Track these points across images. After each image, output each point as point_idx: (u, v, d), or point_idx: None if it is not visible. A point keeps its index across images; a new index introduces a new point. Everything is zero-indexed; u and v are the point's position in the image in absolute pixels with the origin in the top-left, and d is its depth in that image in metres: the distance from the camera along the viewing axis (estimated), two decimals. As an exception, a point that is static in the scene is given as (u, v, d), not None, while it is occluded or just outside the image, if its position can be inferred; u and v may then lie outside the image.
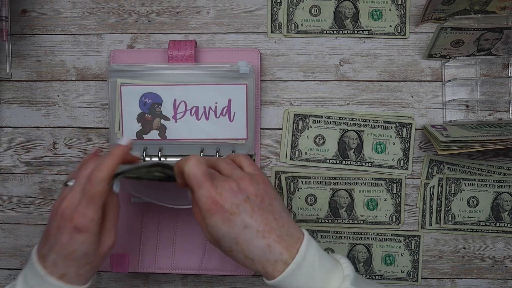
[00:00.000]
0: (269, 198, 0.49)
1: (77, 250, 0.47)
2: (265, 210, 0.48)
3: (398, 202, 0.67)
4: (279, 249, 0.47)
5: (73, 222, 0.47)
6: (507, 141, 0.60)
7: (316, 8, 0.67)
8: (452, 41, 0.63)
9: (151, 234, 0.66)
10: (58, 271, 0.48)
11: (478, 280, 0.68)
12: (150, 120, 0.64)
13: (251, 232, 0.47)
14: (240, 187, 0.48)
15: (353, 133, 0.67)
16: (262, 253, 0.47)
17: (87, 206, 0.47)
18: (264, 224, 0.47)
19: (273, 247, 0.47)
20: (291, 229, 0.49)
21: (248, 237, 0.47)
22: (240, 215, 0.47)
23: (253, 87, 0.63)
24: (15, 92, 0.69)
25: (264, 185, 0.50)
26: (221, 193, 0.47)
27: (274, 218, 0.48)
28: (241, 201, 0.47)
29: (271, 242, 0.47)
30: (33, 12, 0.69)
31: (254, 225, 0.47)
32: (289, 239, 0.48)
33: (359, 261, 0.67)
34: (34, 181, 0.69)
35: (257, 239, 0.47)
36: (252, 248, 0.47)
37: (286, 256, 0.47)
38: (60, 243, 0.47)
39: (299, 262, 0.47)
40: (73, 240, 0.47)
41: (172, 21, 0.68)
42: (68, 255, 0.47)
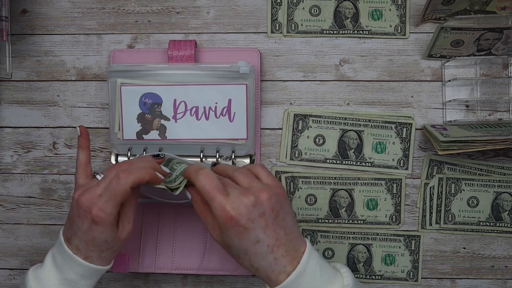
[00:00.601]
0: (284, 212, 0.50)
1: (96, 238, 0.51)
2: (278, 225, 0.49)
3: (398, 202, 0.67)
4: (284, 262, 0.48)
5: (91, 214, 0.50)
6: (507, 141, 0.60)
7: (316, 8, 0.67)
8: (452, 41, 0.63)
9: (151, 234, 0.66)
10: (82, 254, 0.52)
11: (478, 280, 0.68)
12: (150, 120, 0.64)
13: (262, 247, 0.48)
14: (257, 201, 0.48)
15: (353, 133, 0.67)
16: (268, 264, 0.48)
17: (107, 202, 0.50)
18: (275, 239, 0.48)
19: (279, 261, 0.48)
20: (298, 242, 0.50)
21: (258, 251, 0.48)
22: (254, 230, 0.47)
23: (253, 87, 0.63)
24: (15, 92, 0.69)
25: (281, 198, 0.50)
26: (237, 207, 0.47)
27: (285, 233, 0.49)
28: (257, 216, 0.47)
29: (278, 256, 0.48)
30: (33, 12, 0.69)
31: (266, 240, 0.48)
32: (294, 252, 0.49)
33: (359, 261, 0.67)
34: (34, 181, 0.69)
35: (266, 253, 0.48)
36: (259, 260, 0.48)
37: (289, 268, 0.48)
38: (82, 230, 0.51)
39: (300, 273, 0.48)
40: (92, 229, 0.50)
41: (172, 21, 0.68)
42: (88, 241, 0.51)
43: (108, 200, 0.50)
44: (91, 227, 0.50)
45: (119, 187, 0.50)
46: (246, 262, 0.49)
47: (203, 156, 0.64)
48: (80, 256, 0.52)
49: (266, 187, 0.50)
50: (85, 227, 0.50)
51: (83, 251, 0.51)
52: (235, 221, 0.47)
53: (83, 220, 0.50)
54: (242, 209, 0.47)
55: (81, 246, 0.51)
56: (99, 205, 0.50)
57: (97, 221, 0.50)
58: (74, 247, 0.52)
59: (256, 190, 0.49)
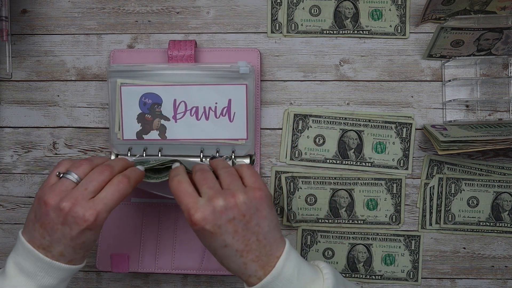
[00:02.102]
0: (258, 217, 0.48)
1: (86, 241, 0.49)
2: (249, 230, 0.47)
3: (398, 202, 0.67)
4: (255, 267, 0.47)
5: (86, 221, 0.47)
6: (507, 141, 0.60)
7: (316, 8, 0.67)
8: (452, 41, 0.63)
9: (151, 234, 0.66)
10: (66, 259, 0.49)
11: (478, 280, 0.68)
12: (150, 120, 0.64)
13: (230, 251, 0.47)
14: (227, 206, 0.47)
15: (353, 133, 0.67)
16: (238, 268, 0.48)
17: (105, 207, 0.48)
18: (244, 245, 0.47)
19: (248, 265, 0.47)
20: (273, 248, 0.48)
21: (226, 255, 0.47)
22: (221, 235, 0.47)
23: (253, 87, 0.63)
24: (15, 92, 0.69)
25: (258, 202, 0.48)
26: (203, 213, 0.46)
27: (257, 239, 0.47)
28: (224, 222, 0.46)
29: (247, 261, 0.47)
30: (33, 12, 0.69)
31: (234, 245, 0.47)
32: (267, 258, 0.47)
33: (359, 261, 0.67)
34: (34, 181, 0.69)
35: (235, 257, 0.47)
36: (229, 262, 0.48)
37: (260, 273, 0.47)
38: (69, 237, 0.48)
39: (275, 277, 0.47)
40: (84, 234, 0.48)
41: (172, 21, 0.68)
42: (77, 246, 0.48)
43: (107, 204, 0.48)
44: (83, 232, 0.48)
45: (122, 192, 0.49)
46: (219, 261, 0.49)
47: (203, 156, 0.64)
48: (64, 261, 0.49)
49: (242, 190, 0.48)
50: (74, 233, 0.47)
51: (68, 256, 0.49)
52: (199, 226, 0.46)
53: (72, 227, 0.47)
54: (208, 214, 0.46)
55: (66, 252, 0.48)
56: (97, 209, 0.47)
57: (92, 227, 0.48)
58: (57, 254, 0.48)
59: (230, 193, 0.47)
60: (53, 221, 0.48)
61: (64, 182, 0.49)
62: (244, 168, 0.52)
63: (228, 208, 0.47)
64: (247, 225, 0.47)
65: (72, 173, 0.50)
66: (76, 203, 0.47)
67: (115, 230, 0.66)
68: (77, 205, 0.47)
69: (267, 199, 0.49)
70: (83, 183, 0.49)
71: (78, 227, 0.47)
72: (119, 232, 0.66)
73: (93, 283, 0.69)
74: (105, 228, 0.66)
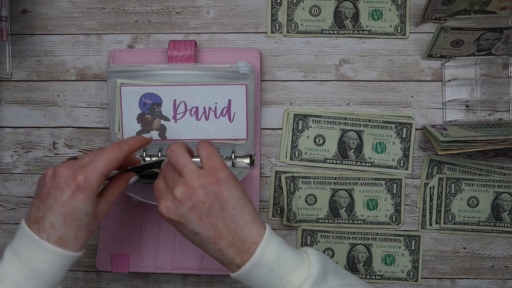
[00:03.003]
0: (220, 202, 0.47)
1: (77, 208, 0.48)
2: (214, 216, 0.47)
3: (398, 202, 0.67)
4: (231, 253, 0.47)
5: (75, 180, 0.48)
6: (507, 141, 0.60)
7: (316, 8, 0.67)
8: (452, 41, 0.63)
9: (151, 234, 0.66)
10: (56, 233, 0.48)
11: (478, 280, 0.68)
12: (150, 121, 0.64)
13: (202, 238, 0.48)
14: (185, 194, 0.47)
15: (353, 133, 0.67)
16: (216, 255, 0.48)
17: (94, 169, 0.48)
18: (214, 231, 0.47)
19: (224, 252, 0.47)
20: (246, 233, 0.47)
21: (200, 242, 0.48)
22: (188, 224, 0.47)
23: (253, 87, 0.63)
24: (15, 92, 0.69)
25: (216, 187, 0.47)
26: (165, 204, 0.48)
27: (224, 224, 0.47)
28: (186, 211, 0.47)
29: (222, 247, 0.47)
30: (33, 12, 0.69)
31: (203, 232, 0.47)
32: (242, 244, 0.47)
33: (359, 261, 0.67)
34: (34, 181, 0.69)
35: (209, 244, 0.48)
36: (207, 249, 0.49)
37: (238, 260, 0.47)
38: (60, 202, 0.48)
39: (254, 265, 0.46)
40: (74, 198, 0.48)
41: (172, 21, 0.68)
42: (67, 214, 0.48)
43: (97, 167, 0.48)
44: (74, 195, 0.47)
45: (112, 156, 0.50)
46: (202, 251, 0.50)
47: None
48: (53, 237, 0.48)
49: (197, 176, 0.47)
50: (65, 197, 0.47)
51: (58, 228, 0.48)
52: (166, 217, 0.48)
53: (63, 190, 0.48)
54: (170, 205, 0.47)
55: (57, 222, 0.48)
56: (87, 170, 0.48)
57: (82, 187, 0.47)
58: (47, 226, 0.48)
59: (184, 181, 0.47)
60: (48, 188, 0.49)
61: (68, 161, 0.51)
62: (200, 149, 0.49)
63: (186, 197, 0.47)
64: (209, 210, 0.47)
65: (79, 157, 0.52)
66: (69, 166, 0.49)
67: (115, 230, 0.66)
68: (69, 168, 0.48)
69: (227, 182, 0.48)
70: (81, 156, 0.51)
71: (68, 188, 0.48)
72: (119, 232, 0.66)
73: (93, 283, 0.69)
74: (105, 228, 0.66)
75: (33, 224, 0.48)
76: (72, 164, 0.49)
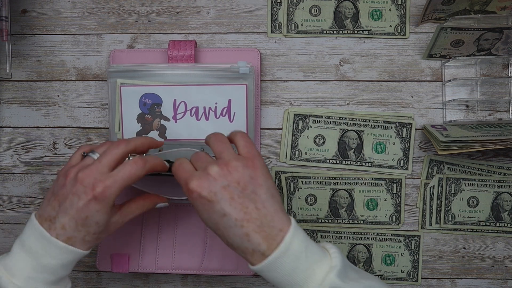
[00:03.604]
0: (254, 185, 0.48)
1: (89, 217, 0.49)
2: (246, 198, 0.47)
3: (398, 202, 0.67)
4: (258, 239, 0.46)
5: (93, 190, 0.49)
6: (507, 141, 0.60)
7: (316, 8, 0.67)
8: (452, 41, 0.63)
9: (151, 234, 0.66)
10: (66, 234, 0.49)
11: (478, 280, 0.68)
12: (150, 121, 0.64)
13: (230, 220, 0.47)
14: (221, 173, 0.48)
15: (353, 133, 0.67)
16: (240, 241, 0.47)
17: (115, 182, 0.49)
18: (244, 213, 0.47)
19: (251, 237, 0.46)
20: (275, 219, 0.47)
21: (226, 225, 0.47)
22: (218, 202, 0.47)
23: (253, 87, 0.63)
24: (15, 92, 0.69)
25: (252, 170, 0.49)
26: (198, 181, 0.47)
27: (255, 207, 0.47)
28: (219, 189, 0.47)
29: (249, 231, 0.47)
30: (33, 12, 0.69)
31: (232, 213, 0.47)
32: (270, 230, 0.47)
33: (359, 261, 0.67)
34: (34, 181, 0.69)
35: (235, 227, 0.47)
36: (231, 235, 0.47)
37: (264, 247, 0.46)
38: (75, 207, 0.49)
39: (282, 254, 0.46)
40: (89, 207, 0.49)
41: (172, 21, 0.68)
42: (79, 220, 0.49)
43: (116, 181, 0.49)
44: (89, 204, 0.49)
45: (133, 171, 0.50)
46: (223, 239, 0.49)
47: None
48: (62, 237, 0.49)
49: (235, 158, 0.49)
50: (81, 204, 0.49)
51: (68, 230, 0.49)
52: (196, 193, 0.47)
53: (80, 197, 0.49)
54: (203, 182, 0.47)
55: (68, 225, 0.49)
56: (106, 183, 0.49)
57: (99, 198, 0.49)
58: (58, 226, 0.49)
59: (222, 162, 0.49)
60: (67, 191, 0.50)
61: (86, 159, 0.52)
62: (238, 137, 0.52)
63: (222, 175, 0.47)
64: (243, 192, 0.47)
65: (95, 152, 0.52)
66: (90, 174, 0.49)
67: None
68: (90, 176, 0.49)
69: (262, 168, 0.50)
70: (99, 157, 0.51)
71: (86, 197, 0.49)
72: (119, 232, 0.66)
73: (93, 283, 0.69)
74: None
75: (45, 222, 0.50)
76: (93, 171, 0.50)
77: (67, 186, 0.50)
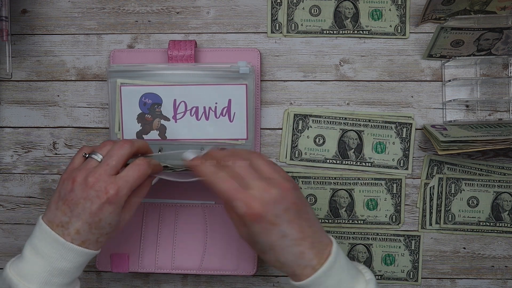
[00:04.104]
0: (304, 205, 0.50)
1: (103, 219, 0.50)
2: (301, 218, 0.49)
3: (398, 202, 0.67)
4: (311, 256, 0.48)
5: (107, 193, 0.50)
6: (507, 141, 0.60)
7: (316, 8, 0.67)
8: (452, 41, 0.63)
9: (151, 234, 0.66)
10: (80, 238, 0.50)
11: (478, 280, 0.68)
12: (150, 121, 0.64)
13: (288, 241, 0.48)
14: (281, 195, 0.48)
15: (353, 133, 0.67)
16: (294, 258, 0.48)
17: (126, 183, 0.51)
18: (300, 232, 0.48)
19: (305, 254, 0.48)
20: (322, 235, 0.50)
21: (284, 245, 0.48)
22: (280, 225, 0.47)
23: (253, 87, 0.63)
24: (15, 92, 0.69)
25: (298, 191, 0.50)
26: (261, 204, 0.47)
27: (308, 225, 0.49)
28: (281, 211, 0.48)
29: (304, 249, 0.48)
30: (33, 12, 0.69)
31: (291, 234, 0.48)
32: (320, 245, 0.49)
33: (359, 261, 0.67)
34: (34, 181, 0.69)
35: (292, 246, 0.48)
36: (285, 254, 0.48)
37: (315, 262, 0.48)
38: (89, 212, 0.50)
39: (329, 267, 0.48)
40: (103, 210, 0.50)
41: (172, 21, 0.68)
42: (93, 223, 0.50)
43: (128, 182, 0.51)
44: (103, 207, 0.50)
45: (142, 171, 0.52)
46: (272, 258, 0.49)
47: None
48: (77, 242, 0.50)
49: (286, 179, 0.50)
50: (94, 208, 0.50)
51: (83, 234, 0.50)
52: (260, 217, 0.47)
53: (93, 201, 0.50)
54: (267, 205, 0.47)
55: (82, 229, 0.50)
56: (118, 185, 0.50)
57: (112, 201, 0.50)
58: (73, 232, 0.50)
59: (278, 182, 0.49)
60: (77, 196, 0.50)
61: (89, 161, 0.52)
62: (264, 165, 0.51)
63: (282, 198, 0.48)
64: (299, 212, 0.49)
65: (97, 154, 0.53)
66: (100, 178, 0.50)
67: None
68: (100, 180, 0.50)
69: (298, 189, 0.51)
70: (105, 159, 0.52)
71: (99, 201, 0.50)
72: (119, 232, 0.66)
73: (93, 283, 0.69)
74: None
75: (57, 227, 0.50)
76: (103, 174, 0.50)
77: (75, 191, 0.50)
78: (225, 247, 0.65)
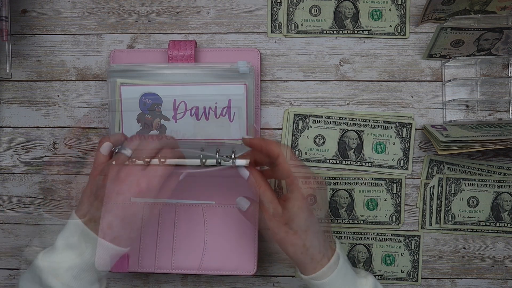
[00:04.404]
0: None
1: (135, 213, 0.51)
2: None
3: (398, 202, 0.67)
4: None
5: (139, 186, 0.51)
6: (507, 141, 0.60)
7: (316, 8, 0.67)
8: (452, 41, 0.63)
9: (150, 234, 0.66)
10: (112, 234, 0.51)
11: (478, 280, 0.68)
12: (150, 121, 0.64)
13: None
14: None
15: (353, 133, 0.67)
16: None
17: (155, 176, 0.52)
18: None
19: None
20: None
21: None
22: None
23: (253, 87, 0.63)
24: (15, 92, 0.69)
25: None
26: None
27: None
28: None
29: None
30: (33, 12, 0.69)
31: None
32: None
33: (359, 261, 0.67)
34: (34, 181, 0.69)
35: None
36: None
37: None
38: (122, 206, 0.51)
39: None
40: (135, 203, 0.51)
41: (172, 21, 0.68)
42: (126, 218, 0.51)
43: (157, 174, 0.52)
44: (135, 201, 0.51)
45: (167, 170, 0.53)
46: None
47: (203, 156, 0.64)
48: (108, 237, 0.51)
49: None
50: (127, 202, 0.51)
51: (115, 229, 0.51)
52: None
53: (125, 195, 0.51)
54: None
55: (114, 225, 0.51)
56: (149, 177, 0.51)
57: (144, 194, 0.51)
58: (105, 226, 0.51)
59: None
60: (109, 191, 0.51)
61: (119, 156, 0.54)
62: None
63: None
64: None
65: (126, 148, 0.54)
66: (131, 172, 0.52)
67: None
68: (131, 173, 0.51)
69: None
70: (135, 154, 0.53)
71: (131, 194, 0.51)
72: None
73: (93, 283, 0.69)
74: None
75: (90, 222, 0.51)
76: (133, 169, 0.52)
77: (108, 186, 0.51)
78: (225, 247, 0.65)
